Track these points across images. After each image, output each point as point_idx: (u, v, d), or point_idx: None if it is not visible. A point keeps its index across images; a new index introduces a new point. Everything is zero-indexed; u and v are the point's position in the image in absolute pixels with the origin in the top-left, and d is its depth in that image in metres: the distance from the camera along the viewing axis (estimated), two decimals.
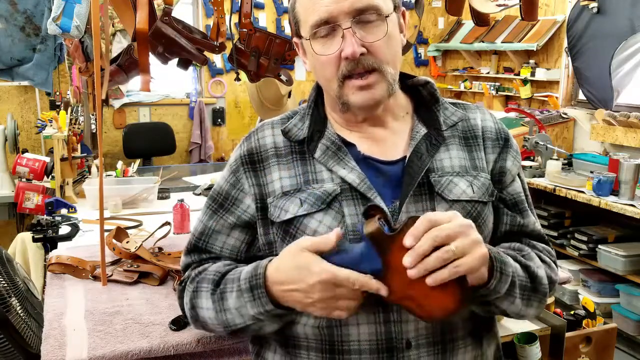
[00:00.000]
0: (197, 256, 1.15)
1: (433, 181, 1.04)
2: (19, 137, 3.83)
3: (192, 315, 1.11)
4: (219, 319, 1.05)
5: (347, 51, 0.99)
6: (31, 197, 2.76)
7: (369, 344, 0.99)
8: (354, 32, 0.99)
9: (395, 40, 1.05)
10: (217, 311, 1.04)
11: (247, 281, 0.99)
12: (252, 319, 1.00)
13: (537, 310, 1.05)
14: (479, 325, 1.07)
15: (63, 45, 3.34)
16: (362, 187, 1.02)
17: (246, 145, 1.12)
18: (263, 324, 1.01)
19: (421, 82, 1.14)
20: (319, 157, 1.06)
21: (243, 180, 1.09)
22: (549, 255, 1.11)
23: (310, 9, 1.02)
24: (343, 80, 1.02)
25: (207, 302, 1.06)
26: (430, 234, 0.86)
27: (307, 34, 1.04)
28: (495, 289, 0.95)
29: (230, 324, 1.04)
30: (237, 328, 1.04)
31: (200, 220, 1.15)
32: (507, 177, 1.11)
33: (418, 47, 6.13)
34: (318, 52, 1.03)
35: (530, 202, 1.15)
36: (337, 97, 1.05)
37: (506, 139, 1.13)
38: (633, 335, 3.35)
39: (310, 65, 1.09)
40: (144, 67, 1.75)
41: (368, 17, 1.00)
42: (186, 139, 5.50)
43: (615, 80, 4.09)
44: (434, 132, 1.09)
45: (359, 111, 1.05)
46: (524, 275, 1.01)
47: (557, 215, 3.95)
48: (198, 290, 1.08)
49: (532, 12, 1.94)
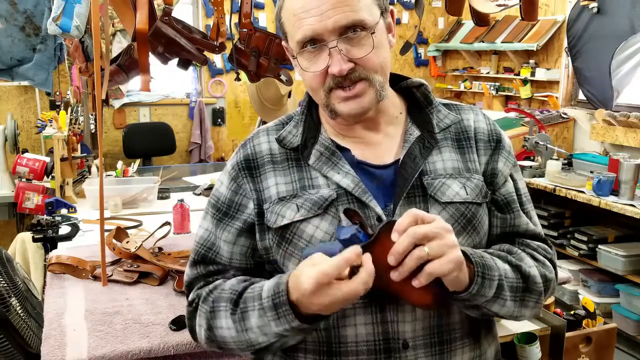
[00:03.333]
0: (203, 268, 1.11)
1: (426, 184, 1.04)
2: (19, 137, 3.83)
3: (207, 337, 1.06)
4: (241, 338, 1.01)
5: (334, 69, 0.98)
6: (31, 197, 2.76)
7: (367, 345, 0.99)
8: (339, 49, 0.98)
9: (383, 49, 1.03)
10: (238, 331, 1.00)
11: (270, 299, 0.95)
12: (276, 336, 0.96)
13: (533, 310, 1.05)
14: (477, 326, 1.07)
15: (63, 45, 3.33)
16: (357, 192, 1.02)
17: (242, 153, 1.12)
18: (287, 340, 0.98)
19: (415, 84, 1.13)
20: (313, 163, 1.06)
21: (245, 185, 1.09)
22: (544, 253, 1.10)
23: (295, 25, 1.01)
24: (329, 91, 1.02)
25: (227, 322, 1.02)
26: (410, 230, 0.87)
27: (294, 49, 1.03)
28: (478, 294, 0.94)
29: (254, 343, 0.99)
30: (261, 347, 1.00)
31: (206, 229, 1.12)
32: (499, 179, 1.10)
33: (418, 47, 6.13)
34: (305, 68, 1.02)
35: (525, 202, 1.14)
36: (324, 105, 1.05)
37: (498, 140, 1.12)
38: (633, 335, 3.35)
39: (298, 73, 1.09)
40: (144, 67, 1.76)
41: (354, 30, 0.98)
42: (186, 139, 5.50)
43: (615, 80, 4.09)
44: (427, 134, 1.09)
45: (348, 118, 1.05)
46: (515, 277, 1.01)
47: (557, 215, 3.95)
48: (215, 311, 1.04)
49: (532, 12, 1.94)
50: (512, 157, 1.14)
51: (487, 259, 0.98)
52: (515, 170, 1.15)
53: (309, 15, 0.98)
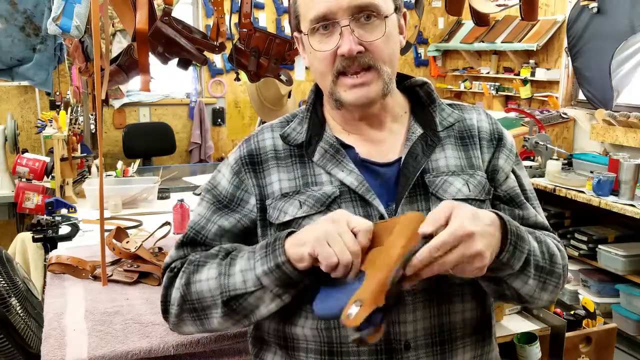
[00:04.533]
0: (190, 249, 1.10)
1: (428, 182, 1.04)
2: (19, 137, 3.83)
3: (181, 297, 1.03)
4: (218, 285, 0.99)
5: (344, 48, 0.99)
6: (31, 197, 2.76)
7: (368, 345, 0.99)
8: (352, 29, 0.99)
9: (393, 41, 1.05)
10: (218, 277, 0.99)
11: (265, 244, 0.97)
12: (255, 283, 0.96)
13: (551, 295, 1.03)
14: (478, 326, 1.07)
15: (63, 45, 3.33)
16: (361, 190, 1.02)
17: (246, 147, 1.12)
18: (262, 296, 0.97)
19: (419, 82, 1.14)
20: (317, 160, 1.07)
21: (247, 181, 1.09)
22: (557, 242, 1.09)
23: (309, 4, 1.02)
24: (337, 76, 1.03)
25: (210, 272, 1.01)
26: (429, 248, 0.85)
27: (306, 29, 1.04)
28: (508, 263, 0.93)
29: (230, 289, 0.98)
30: (236, 294, 0.98)
31: (198, 214, 1.12)
32: (500, 175, 1.11)
33: (418, 47, 6.13)
34: (315, 47, 1.03)
35: (531, 198, 1.14)
36: (330, 93, 1.05)
37: (499, 138, 1.13)
38: (633, 335, 3.35)
39: (308, 60, 1.09)
40: (144, 67, 1.76)
41: (367, 16, 1.00)
42: (186, 139, 5.50)
43: (615, 80, 4.09)
44: (429, 132, 1.09)
45: (353, 108, 1.06)
46: (541, 256, 0.99)
47: (557, 215, 3.94)
48: (201, 265, 1.03)
49: (532, 12, 1.94)
50: (514, 154, 1.15)
51: (521, 230, 0.96)
52: (519, 168, 1.15)
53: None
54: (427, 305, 1.01)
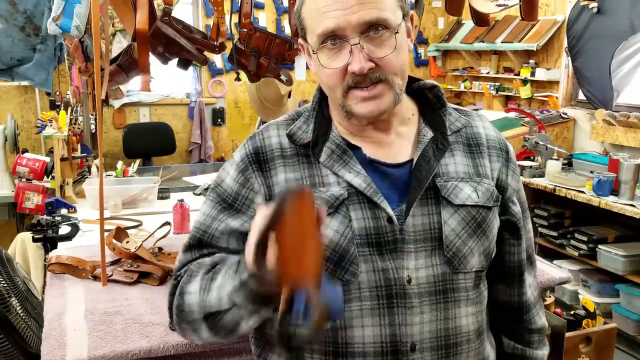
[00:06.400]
0: (197, 252, 1.08)
1: (439, 185, 1.04)
2: (19, 137, 3.83)
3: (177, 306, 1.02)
4: (199, 300, 0.97)
5: (355, 67, 0.97)
6: (31, 197, 2.76)
7: (374, 347, 0.99)
8: (362, 47, 0.97)
9: (403, 51, 1.03)
10: (199, 291, 0.97)
11: (237, 259, 0.92)
12: (228, 301, 0.92)
13: None
14: (483, 329, 1.08)
15: (63, 45, 3.33)
16: (369, 191, 1.01)
17: (251, 145, 1.09)
18: (238, 313, 0.93)
19: (428, 85, 1.13)
20: (324, 161, 1.05)
21: (253, 179, 1.06)
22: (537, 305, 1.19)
23: (317, 18, 0.99)
24: (347, 90, 1.01)
25: (195, 285, 0.99)
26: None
27: (314, 44, 1.02)
28: None
29: (206, 305, 0.96)
30: (211, 311, 0.95)
31: (204, 213, 1.09)
32: (509, 192, 1.12)
33: (418, 47, 6.13)
34: (324, 64, 1.01)
35: (526, 215, 1.17)
36: (340, 105, 1.03)
37: (507, 152, 1.14)
38: (633, 335, 3.35)
39: (314, 71, 1.07)
40: (144, 67, 1.75)
41: (377, 31, 0.98)
42: (186, 139, 5.50)
43: (615, 80, 4.09)
44: (440, 136, 1.08)
45: (363, 119, 1.04)
46: None
47: (557, 215, 3.95)
48: (193, 275, 1.02)
49: (532, 12, 1.94)
50: (517, 167, 1.17)
51: None
52: (518, 180, 1.17)
53: (334, 9, 0.97)
54: (434, 308, 1.01)
